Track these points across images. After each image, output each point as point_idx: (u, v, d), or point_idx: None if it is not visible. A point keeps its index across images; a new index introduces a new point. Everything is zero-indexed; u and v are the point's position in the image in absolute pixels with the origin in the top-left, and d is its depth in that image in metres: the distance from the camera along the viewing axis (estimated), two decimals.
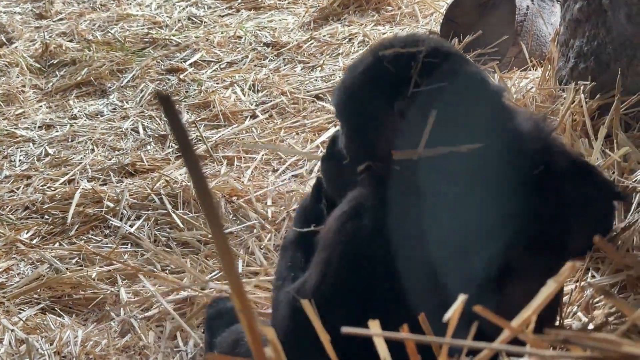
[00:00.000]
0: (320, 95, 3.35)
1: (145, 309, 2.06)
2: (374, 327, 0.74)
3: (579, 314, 1.51)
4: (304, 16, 4.34)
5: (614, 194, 1.41)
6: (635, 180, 1.90)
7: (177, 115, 0.63)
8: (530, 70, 3.04)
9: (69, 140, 3.21)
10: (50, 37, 4.33)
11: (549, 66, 2.52)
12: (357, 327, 0.75)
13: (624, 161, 2.01)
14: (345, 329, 0.70)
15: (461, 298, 0.74)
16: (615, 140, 2.09)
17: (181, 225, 2.41)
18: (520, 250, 1.21)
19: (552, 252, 1.27)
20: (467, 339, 0.89)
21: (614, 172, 1.95)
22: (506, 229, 1.18)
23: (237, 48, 4.00)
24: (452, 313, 0.74)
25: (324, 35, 4.01)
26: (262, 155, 2.83)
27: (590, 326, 1.45)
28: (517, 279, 1.21)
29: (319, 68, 3.64)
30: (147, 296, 2.07)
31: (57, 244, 2.43)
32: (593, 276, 1.69)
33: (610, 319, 1.45)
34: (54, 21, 4.68)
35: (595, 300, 1.57)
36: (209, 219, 0.59)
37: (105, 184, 2.77)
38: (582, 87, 2.25)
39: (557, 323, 1.43)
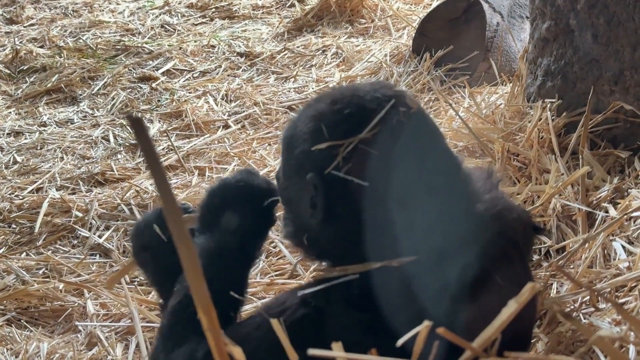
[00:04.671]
0: (293, 106, 3.36)
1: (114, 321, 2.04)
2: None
3: (540, 334, 1.54)
4: (277, 27, 4.36)
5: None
6: (599, 198, 1.95)
7: (148, 139, 0.64)
8: (499, 85, 3.09)
9: (38, 148, 3.17)
10: (20, 42, 4.28)
11: (518, 83, 2.57)
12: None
13: (588, 178, 2.06)
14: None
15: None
16: (580, 157, 2.14)
17: None
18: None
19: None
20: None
21: (577, 189, 2.00)
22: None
23: (211, 57, 3.99)
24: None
25: (298, 46, 4.03)
26: (234, 166, 2.83)
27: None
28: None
29: (292, 79, 3.66)
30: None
31: (24, 254, 2.40)
32: (558, 291, 1.72)
33: (570, 336, 1.48)
34: (24, 26, 4.62)
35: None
36: (182, 253, 0.60)
37: (74, 193, 2.74)
38: (549, 105, 2.30)
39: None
